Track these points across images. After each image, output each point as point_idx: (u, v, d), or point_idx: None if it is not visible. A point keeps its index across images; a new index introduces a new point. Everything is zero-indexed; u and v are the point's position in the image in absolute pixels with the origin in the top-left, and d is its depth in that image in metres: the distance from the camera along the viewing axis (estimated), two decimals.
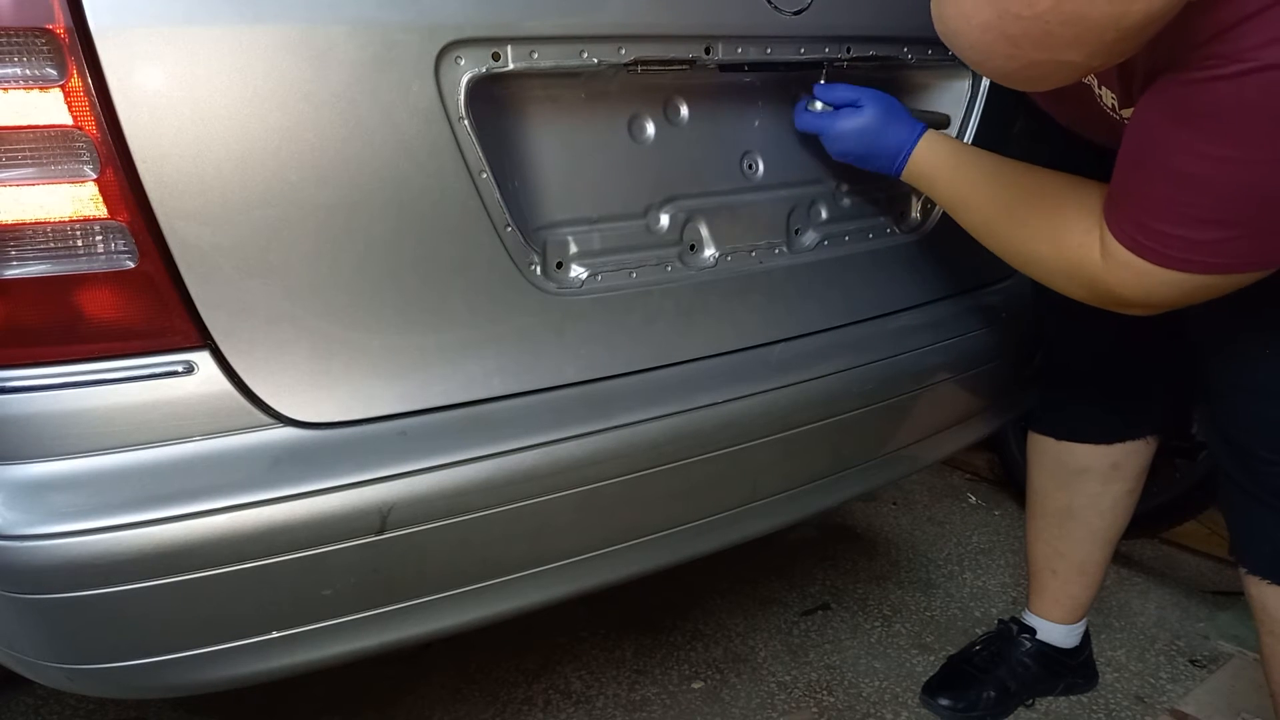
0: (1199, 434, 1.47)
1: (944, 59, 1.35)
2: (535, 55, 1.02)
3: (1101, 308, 1.10)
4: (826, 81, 1.28)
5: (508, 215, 1.04)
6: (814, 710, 1.65)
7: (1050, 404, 1.59)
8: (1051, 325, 1.53)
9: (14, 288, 0.86)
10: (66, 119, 0.83)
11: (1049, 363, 1.58)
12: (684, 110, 1.21)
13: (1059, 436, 1.57)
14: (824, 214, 1.35)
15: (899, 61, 1.33)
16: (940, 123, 1.33)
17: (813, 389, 1.25)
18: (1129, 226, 1.00)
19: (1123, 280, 1.03)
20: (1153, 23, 0.83)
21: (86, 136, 0.84)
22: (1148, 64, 0.97)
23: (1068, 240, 1.08)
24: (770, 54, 1.20)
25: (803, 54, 1.22)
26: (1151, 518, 1.98)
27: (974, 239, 1.22)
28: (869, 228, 1.39)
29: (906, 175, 1.25)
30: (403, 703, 1.63)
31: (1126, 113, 1.05)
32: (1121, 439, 1.53)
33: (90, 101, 0.83)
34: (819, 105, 1.27)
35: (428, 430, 1.02)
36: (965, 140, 1.42)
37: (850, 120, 1.24)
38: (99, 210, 0.86)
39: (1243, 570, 1.29)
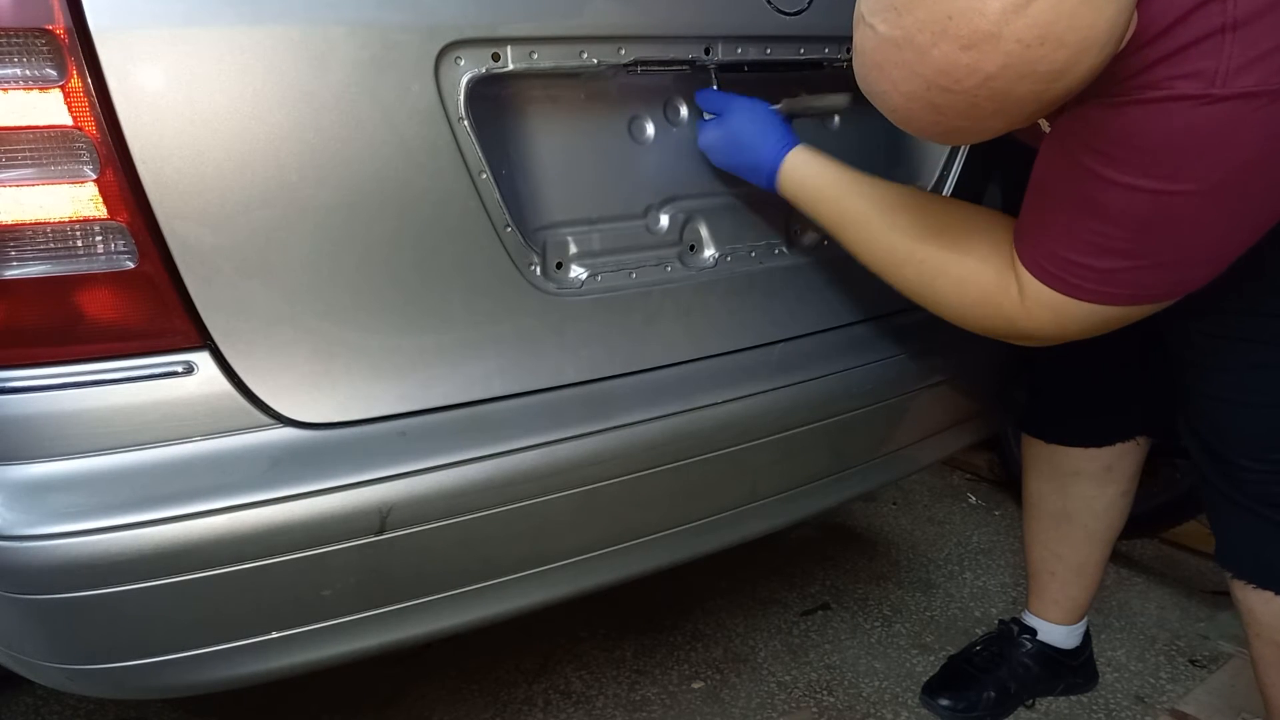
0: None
1: None
2: (535, 56, 1.02)
3: (1010, 341, 1.09)
4: (716, 87, 1.18)
5: (507, 216, 1.04)
6: (814, 710, 1.65)
7: (1039, 407, 1.59)
8: None
9: (14, 288, 0.86)
10: (66, 119, 0.83)
11: (1035, 368, 1.58)
12: (684, 110, 1.21)
13: (1049, 439, 1.57)
14: None
15: None
16: None
17: (813, 389, 1.25)
18: (1038, 254, 1.00)
19: (1034, 315, 1.02)
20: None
21: (86, 137, 0.84)
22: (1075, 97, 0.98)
23: (981, 278, 1.05)
24: (770, 54, 1.20)
25: (802, 54, 1.22)
26: (1151, 518, 1.98)
27: None
28: None
29: (782, 193, 1.17)
30: (403, 703, 1.63)
31: None
32: (1111, 441, 1.53)
33: (90, 102, 0.83)
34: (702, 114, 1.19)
35: (427, 431, 1.02)
36: None
37: (712, 131, 1.18)
38: (99, 211, 0.86)
39: (1228, 575, 1.29)
